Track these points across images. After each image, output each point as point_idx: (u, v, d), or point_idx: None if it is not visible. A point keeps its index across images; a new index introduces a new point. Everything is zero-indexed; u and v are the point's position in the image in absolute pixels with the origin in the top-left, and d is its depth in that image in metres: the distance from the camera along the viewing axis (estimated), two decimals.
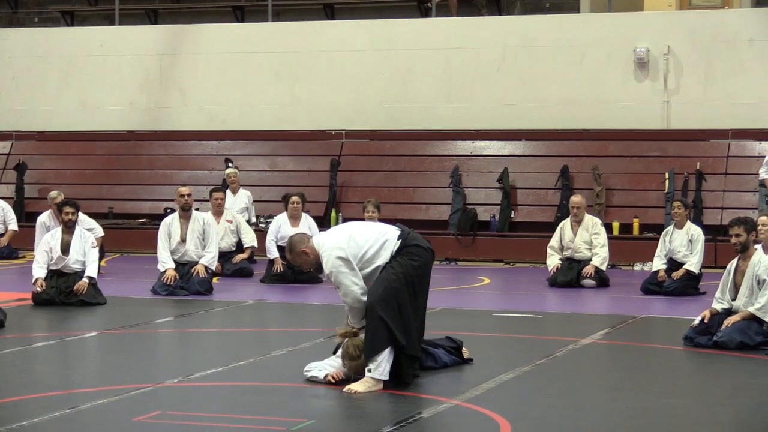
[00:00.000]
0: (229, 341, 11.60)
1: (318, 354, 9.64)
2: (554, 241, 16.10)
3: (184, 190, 15.09)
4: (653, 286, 15.01)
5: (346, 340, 8.96)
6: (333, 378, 8.86)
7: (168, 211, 18.92)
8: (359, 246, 8.98)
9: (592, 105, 20.52)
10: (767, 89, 19.81)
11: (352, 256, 8.93)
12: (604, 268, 15.81)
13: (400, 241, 9.02)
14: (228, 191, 18.67)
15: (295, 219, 16.24)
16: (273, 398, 8.57)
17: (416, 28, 21.82)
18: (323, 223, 18.81)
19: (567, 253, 15.95)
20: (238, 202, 18.86)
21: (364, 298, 8.88)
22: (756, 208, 18.07)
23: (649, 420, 7.94)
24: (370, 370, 8.71)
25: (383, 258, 8.98)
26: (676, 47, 20.21)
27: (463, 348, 9.82)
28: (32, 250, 15.81)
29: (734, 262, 10.95)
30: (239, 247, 17.24)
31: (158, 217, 19.30)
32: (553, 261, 15.99)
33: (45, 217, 16.53)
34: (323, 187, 20.49)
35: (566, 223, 16.09)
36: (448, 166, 20.43)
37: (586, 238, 15.86)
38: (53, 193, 16.99)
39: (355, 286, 8.89)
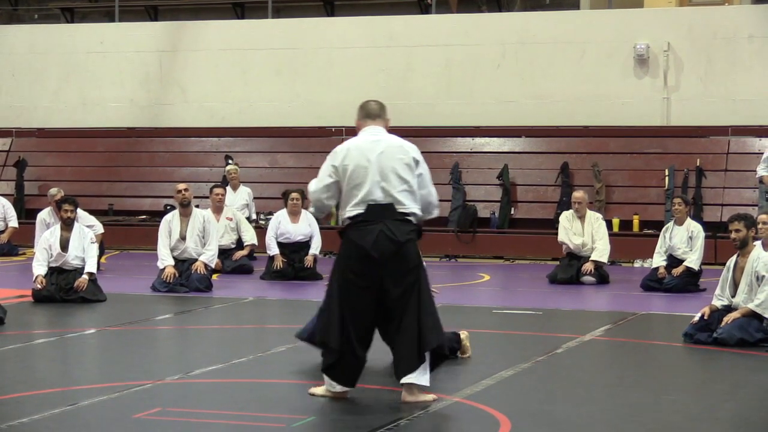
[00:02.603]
0: (228, 338, 11.60)
1: (318, 350, 9.61)
2: (564, 228, 16.00)
3: (182, 186, 15.12)
4: (653, 283, 15.02)
5: None
6: None
7: (168, 208, 18.93)
8: (353, 170, 8.33)
9: (592, 102, 20.52)
10: (767, 85, 19.82)
11: (341, 166, 8.34)
12: (604, 260, 15.78)
13: (350, 221, 8.30)
14: (228, 188, 18.67)
15: (295, 215, 16.24)
16: (273, 395, 8.57)
17: (416, 24, 21.83)
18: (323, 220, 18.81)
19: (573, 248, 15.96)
20: (238, 198, 18.86)
21: (316, 195, 8.40)
22: (756, 205, 18.07)
23: (648, 416, 7.94)
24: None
25: (346, 208, 8.33)
26: (676, 44, 20.21)
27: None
28: (32, 247, 15.82)
29: (733, 258, 10.96)
30: (239, 244, 17.24)
31: (158, 214, 19.33)
32: (578, 241, 15.84)
33: (45, 214, 16.53)
34: None
35: (571, 217, 16.01)
36: (448, 163, 20.43)
37: (589, 233, 15.86)
38: (53, 190, 17.00)
39: (319, 183, 8.40)
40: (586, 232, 15.87)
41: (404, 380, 8.17)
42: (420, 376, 8.18)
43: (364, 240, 8.20)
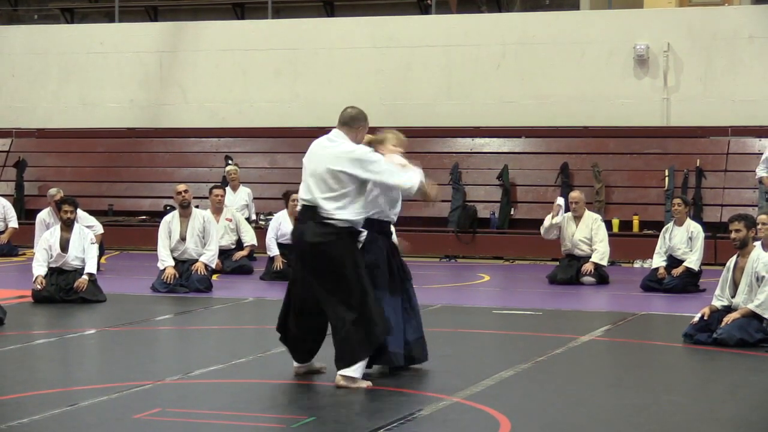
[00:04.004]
0: (228, 338, 11.60)
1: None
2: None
3: (181, 187, 15.13)
4: (653, 283, 15.01)
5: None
6: None
7: (168, 208, 18.93)
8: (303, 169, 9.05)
9: (592, 102, 20.53)
10: (767, 86, 19.82)
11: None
12: (604, 263, 15.80)
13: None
14: (228, 188, 18.67)
15: (295, 216, 16.21)
16: (273, 395, 8.58)
17: (416, 25, 21.83)
18: None
19: (567, 249, 15.94)
20: (238, 199, 18.86)
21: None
22: (756, 206, 18.07)
23: (648, 417, 7.95)
24: None
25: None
26: (676, 44, 20.22)
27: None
28: (32, 247, 15.82)
29: (733, 259, 10.96)
30: (239, 244, 17.22)
31: (158, 215, 19.33)
32: (547, 221, 15.87)
33: (45, 214, 16.54)
34: None
35: (568, 217, 16.03)
36: (447, 164, 20.43)
37: (587, 234, 15.84)
38: (53, 191, 16.99)
39: None
40: (580, 233, 15.84)
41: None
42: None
43: (293, 236, 8.94)
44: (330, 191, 8.73)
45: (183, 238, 14.90)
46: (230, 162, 20.29)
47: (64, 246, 13.69)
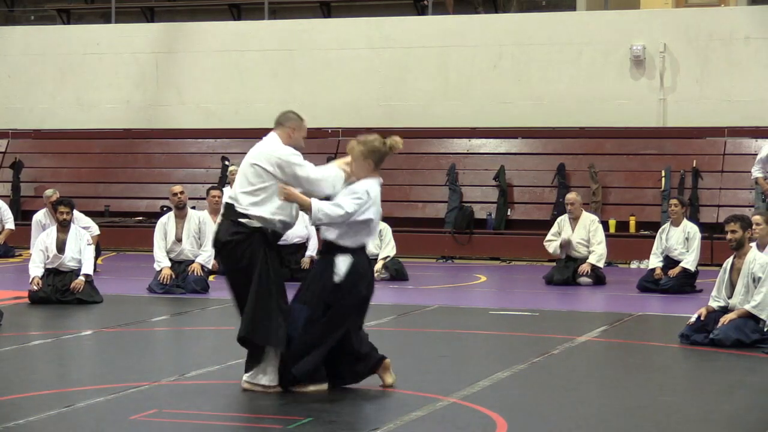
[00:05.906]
0: (225, 339, 11.55)
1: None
2: (552, 234, 16.03)
3: (177, 188, 15.12)
4: (650, 284, 15.02)
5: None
6: None
7: (164, 209, 18.91)
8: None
9: (589, 103, 20.53)
10: (763, 87, 19.85)
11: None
12: (601, 265, 15.81)
13: None
14: (228, 189, 18.63)
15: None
16: (270, 396, 8.56)
17: (412, 26, 21.83)
18: None
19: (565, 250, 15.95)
20: None
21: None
22: (752, 206, 18.08)
23: (645, 417, 7.95)
24: None
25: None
26: (673, 45, 20.23)
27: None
28: (29, 248, 15.82)
29: (730, 260, 10.96)
30: None
31: (155, 216, 19.30)
32: (555, 245, 15.86)
33: (41, 215, 16.52)
34: None
35: (564, 219, 16.04)
36: (444, 164, 20.44)
37: (584, 236, 15.84)
38: (48, 192, 16.97)
39: None
40: (577, 235, 15.84)
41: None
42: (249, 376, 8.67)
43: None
44: (249, 185, 8.71)
45: (179, 239, 14.89)
46: (227, 163, 20.28)
47: (61, 247, 13.67)
